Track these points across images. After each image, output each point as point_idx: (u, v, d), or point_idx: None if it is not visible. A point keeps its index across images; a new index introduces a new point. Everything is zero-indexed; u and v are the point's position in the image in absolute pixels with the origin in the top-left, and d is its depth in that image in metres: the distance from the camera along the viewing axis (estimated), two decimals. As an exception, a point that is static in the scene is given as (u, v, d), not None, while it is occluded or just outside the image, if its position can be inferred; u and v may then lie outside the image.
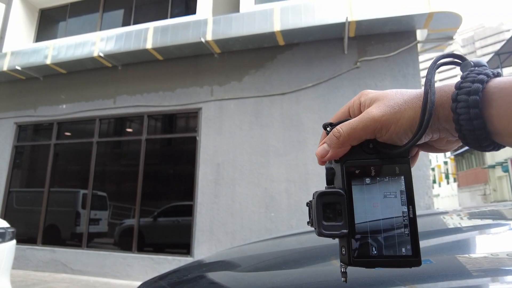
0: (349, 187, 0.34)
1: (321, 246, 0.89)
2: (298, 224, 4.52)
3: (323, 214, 0.34)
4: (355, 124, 0.35)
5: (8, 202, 6.29)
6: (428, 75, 0.33)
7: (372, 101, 0.35)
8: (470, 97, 0.30)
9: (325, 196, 0.34)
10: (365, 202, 0.34)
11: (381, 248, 0.33)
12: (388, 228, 0.33)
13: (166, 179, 5.85)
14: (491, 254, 0.61)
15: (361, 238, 0.33)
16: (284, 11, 4.80)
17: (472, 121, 0.30)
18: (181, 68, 5.64)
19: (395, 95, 0.34)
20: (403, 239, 0.32)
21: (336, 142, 0.35)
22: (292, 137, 4.83)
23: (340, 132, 0.35)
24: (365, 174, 0.34)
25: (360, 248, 0.33)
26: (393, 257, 0.32)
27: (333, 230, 0.33)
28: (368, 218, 0.33)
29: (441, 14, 4.35)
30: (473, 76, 0.31)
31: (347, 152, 0.35)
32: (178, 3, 6.45)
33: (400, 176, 0.34)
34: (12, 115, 6.56)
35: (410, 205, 0.33)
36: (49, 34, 7.34)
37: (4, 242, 2.88)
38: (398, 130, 0.33)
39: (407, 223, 0.33)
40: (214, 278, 0.80)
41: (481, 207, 1.34)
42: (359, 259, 0.33)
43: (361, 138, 0.35)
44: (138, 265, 5.04)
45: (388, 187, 0.34)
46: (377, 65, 4.73)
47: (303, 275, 0.66)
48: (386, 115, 0.33)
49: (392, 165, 0.34)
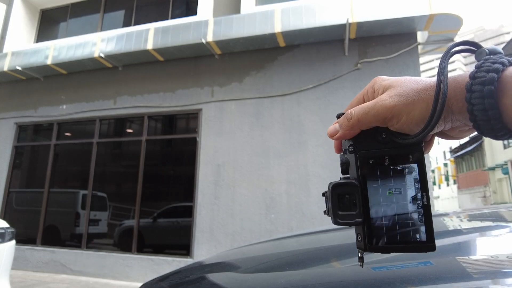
0: (363, 176, 0.35)
1: (324, 248, 0.89)
2: (299, 225, 4.52)
3: (338, 204, 0.35)
4: (368, 109, 0.35)
5: (8, 202, 6.29)
6: (441, 64, 0.32)
7: (385, 88, 0.35)
8: (485, 87, 0.29)
9: (339, 187, 0.35)
10: (380, 190, 0.34)
11: (396, 234, 0.33)
12: (403, 215, 0.33)
13: (166, 180, 5.85)
14: (491, 256, 0.61)
15: (376, 225, 0.34)
16: (285, 13, 4.80)
17: (487, 111, 0.29)
18: (181, 69, 5.65)
19: (409, 84, 0.34)
20: (418, 225, 0.33)
21: (347, 124, 0.36)
22: (292, 138, 4.83)
23: (352, 114, 0.36)
24: (379, 163, 0.35)
25: (375, 235, 0.34)
26: (408, 243, 0.33)
27: (348, 219, 0.34)
28: (382, 206, 0.34)
29: (442, 16, 4.36)
30: (488, 65, 0.30)
31: (361, 142, 0.36)
32: (179, 4, 6.46)
33: (413, 164, 0.34)
34: (13, 115, 6.56)
35: (424, 192, 0.34)
36: (50, 34, 7.35)
37: (3, 242, 2.88)
38: (409, 121, 0.33)
39: (421, 210, 0.33)
40: (216, 280, 0.80)
41: (481, 209, 1.34)
42: (375, 246, 0.34)
43: (371, 124, 0.35)
44: (137, 266, 5.03)
45: (402, 175, 0.34)
46: (377, 66, 4.73)
47: (307, 277, 0.66)
48: (398, 105, 0.33)
49: (406, 153, 0.35)
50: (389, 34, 4.77)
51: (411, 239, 0.33)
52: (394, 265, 0.61)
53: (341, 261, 0.74)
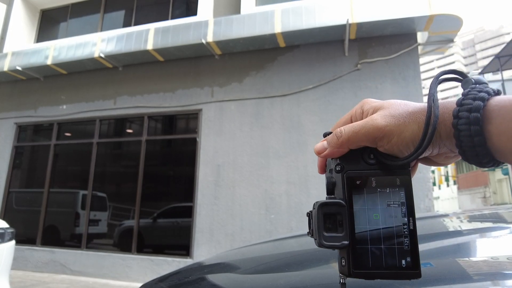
0: (349, 197, 0.34)
1: (323, 249, 0.88)
2: (298, 226, 4.52)
3: (324, 225, 0.34)
4: (358, 128, 0.34)
5: (8, 203, 6.28)
6: (431, 89, 0.33)
7: (375, 109, 0.35)
8: (471, 114, 0.30)
9: (326, 206, 0.34)
10: (366, 213, 0.33)
11: (381, 260, 0.32)
12: (388, 239, 0.33)
13: (166, 180, 5.85)
14: (491, 257, 0.61)
15: (361, 249, 0.33)
16: (285, 13, 4.81)
17: (472, 137, 0.30)
18: (181, 69, 5.65)
19: (400, 106, 0.34)
20: (403, 251, 0.32)
21: (336, 142, 0.36)
22: (292, 138, 4.83)
23: (342, 133, 0.35)
24: (366, 184, 0.34)
25: (360, 260, 0.33)
26: (393, 269, 0.32)
27: (334, 242, 0.33)
28: (368, 229, 0.33)
29: (442, 16, 4.36)
30: (474, 93, 0.31)
31: (348, 162, 0.35)
32: (179, 4, 6.47)
33: (401, 188, 0.34)
34: (13, 115, 6.56)
35: (410, 217, 0.33)
36: (50, 34, 7.35)
37: (3, 242, 2.88)
38: (400, 142, 0.33)
39: (407, 235, 0.33)
40: (215, 281, 0.80)
41: (481, 210, 1.34)
42: (359, 271, 0.33)
43: (361, 143, 0.35)
44: (137, 266, 5.03)
45: (389, 198, 0.34)
46: (377, 67, 4.73)
47: (306, 278, 0.66)
48: (389, 126, 0.33)
49: (393, 176, 0.34)
50: (389, 34, 4.77)
51: (396, 265, 0.32)
52: None
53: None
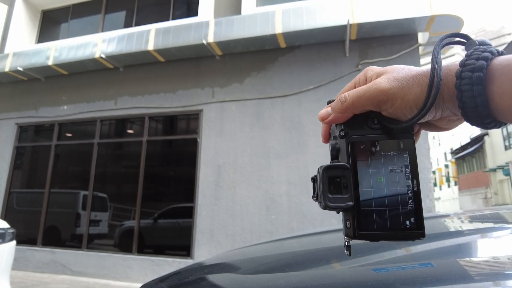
0: (354, 161, 0.34)
1: (324, 249, 0.88)
2: (299, 226, 4.51)
3: (329, 187, 0.34)
4: (362, 92, 0.34)
5: (9, 203, 6.29)
6: (435, 51, 0.33)
7: (379, 74, 0.35)
8: (474, 74, 0.30)
9: (330, 169, 0.34)
10: (370, 176, 0.34)
11: (386, 221, 0.33)
12: (393, 201, 0.33)
13: (166, 180, 5.85)
14: (492, 257, 0.61)
15: (366, 211, 0.33)
16: (285, 14, 4.81)
17: (475, 98, 0.29)
18: (182, 70, 5.65)
19: (403, 70, 0.34)
20: (407, 212, 0.33)
21: (340, 107, 0.36)
22: (293, 139, 4.83)
23: (346, 97, 0.35)
24: (370, 149, 0.35)
25: (365, 221, 0.33)
26: (398, 230, 0.32)
27: (339, 203, 0.33)
28: (372, 192, 0.33)
29: (443, 17, 4.36)
30: (478, 53, 0.31)
31: (352, 127, 0.36)
32: (180, 5, 6.48)
33: (404, 151, 0.34)
34: (13, 115, 6.57)
35: (414, 179, 0.33)
36: (51, 35, 7.37)
37: (4, 243, 2.88)
38: (403, 105, 0.33)
39: (411, 197, 0.33)
40: (216, 281, 0.80)
41: (482, 211, 1.34)
42: (364, 232, 0.33)
43: (365, 107, 0.35)
44: (138, 267, 5.03)
45: (393, 161, 0.34)
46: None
47: (307, 278, 0.66)
48: (393, 89, 0.33)
49: (397, 140, 0.34)
50: (390, 35, 4.77)
51: (401, 226, 0.32)
52: (395, 267, 0.61)
53: (342, 262, 0.74)
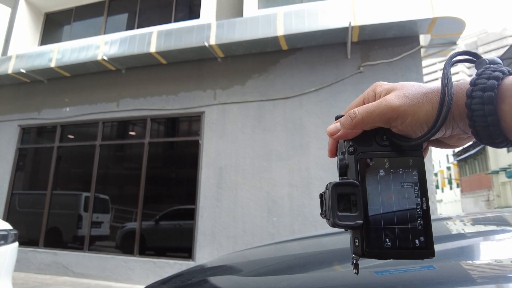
0: (363, 178, 0.34)
1: (326, 251, 0.88)
2: (301, 229, 4.50)
3: (338, 205, 0.34)
4: (372, 109, 0.34)
5: (11, 204, 6.31)
6: (445, 69, 0.33)
7: (388, 91, 0.35)
8: (485, 94, 0.29)
9: (340, 186, 0.34)
10: (379, 193, 0.34)
11: (395, 240, 0.32)
12: (402, 220, 0.33)
13: (168, 182, 5.85)
14: (495, 260, 0.60)
15: (375, 229, 0.33)
16: (287, 16, 4.82)
17: (486, 117, 0.29)
18: (184, 72, 5.67)
19: (413, 87, 0.34)
20: (417, 230, 0.32)
21: (349, 123, 0.36)
22: (294, 141, 4.83)
23: (356, 114, 0.35)
24: (379, 166, 0.34)
25: (374, 240, 0.33)
26: (407, 249, 0.32)
27: (348, 221, 0.33)
28: (381, 210, 0.33)
29: (445, 19, 4.35)
30: (489, 73, 0.31)
31: (361, 144, 0.35)
32: (182, 7, 6.51)
33: (413, 168, 0.34)
34: (16, 117, 6.61)
35: (423, 197, 0.33)
36: (54, 37, 7.41)
37: (6, 244, 2.89)
38: (414, 123, 0.33)
39: (420, 215, 0.33)
40: (217, 283, 0.80)
41: (484, 213, 1.34)
42: (373, 251, 0.33)
43: (375, 124, 0.35)
44: (139, 269, 5.03)
45: (402, 179, 0.34)
46: (380, 70, 4.73)
47: (309, 280, 0.65)
48: (404, 106, 0.33)
49: (406, 157, 0.34)
50: (391, 37, 4.77)
51: (410, 245, 0.32)
52: (397, 269, 0.61)
53: (344, 264, 0.74)
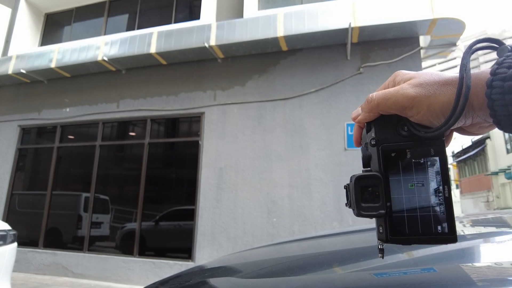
0: (385, 169, 0.35)
1: (326, 253, 0.88)
2: (300, 229, 4.50)
3: (361, 196, 0.35)
4: (389, 95, 0.35)
5: (11, 205, 6.31)
6: (464, 59, 0.33)
7: (406, 80, 0.36)
8: (506, 83, 0.29)
9: (362, 179, 0.35)
10: (402, 183, 0.35)
11: (417, 226, 0.34)
12: (424, 207, 0.34)
13: (168, 183, 5.85)
14: (495, 263, 0.60)
15: (397, 217, 0.34)
16: (287, 17, 4.83)
17: (507, 106, 0.29)
18: (184, 73, 5.68)
19: (431, 76, 0.35)
20: (439, 217, 0.34)
21: (367, 106, 0.37)
22: (294, 142, 4.83)
23: (373, 98, 0.36)
24: (400, 156, 0.36)
25: (397, 227, 0.34)
26: (429, 235, 0.34)
27: (371, 211, 0.35)
28: (404, 199, 0.34)
29: (445, 20, 4.36)
30: (510, 61, 0.31)
31: (383, 135, 0.37)
32: (182, 8, 6.52)
33: (435, 157, 0.35)
34: (16, 118, 6.61)
35: (445, 185, 0.34)
36: (54, 38, 7.42)
37: (5, 244, 2.89)
38: (430, 114, 0.33)
39: (442, 202, 0.34)
40: (216, 284, 0.80)
41: (484, 215, 1.34)
42: (396, 237, 0.34)
43: (390, 110, 0.35)
44: (139, 269, 5.03)
45: (424, 168, 0.35)
46: (380, 71, 4.73)
47: (308, 282, 0.65)
48: (419, 97, 0.33)
49: (427, 147, 0.35)
50: (391, 38, 4.78)
51: (432, 231, 0.33)
52: (397, 271, 0.61)
53: (343, 266, 0.74)
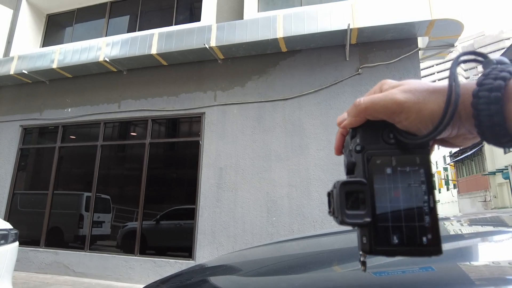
0: (370, 176, 0.34)
1: (325, 251, 0.89)
2: (300, 228, 4.52)
3: (346, 203, 0.34)
4: (377, 100, 0.35)
5: (13, 204, 6.32)
6: (452, 69, 0.32)
7: (394, 87, 0.36)
8: (492, 94, 0.30)
9: (348, 185, 0.34)
10: (386, 191, 0.34)
11: (402, 237, 0.33)
12: (409, 217, 0.33)
13: (169, 182, 5.86)
14: (493, 262, 0.61)
15: (382, 227, 0.33)
16: (287, 18, 4.84)
17: (492, 117, 0.29)
18: (185, 74, 5.69)
19: (420, 84, 0.34)
20: (424, 228, 0.33)
21: (354, 111, 0.36)
22: (294, 142, 4.84)
23: (360, 102, 0.35)
24: (386, 164, 0.35)
25: (382, 237, 0.33)
26: (414, 246, 0.32)
27: (356, 219, 0.33)
28: (389, 208, 0.33)
29: (443, 21, 4.37)
30: (496, 73, 0.31)
31: (368, 142, 0.36)
32: (183, 10, 6.53)
33: (420, 166, 0.34)
34: (18, 118, 6.62)
35: (430, 195, 0.33)
36: (56, 39, 7.43)
37: (6, 244, 2.90)
38: (418, 121, 0.33)
39: (427, 212, 0.33)
40: (217, 283, 0.81)
41: (482, 214, 1.34)
42: (381, 248, 0.33)
43: (378, 115, 0.35)
44: (140, 268, 5.04)
45: (409, 177, 0.34)
46: (378, 72, 4.75)
47: (308, 281, 0.66)
48: (408, 102, 0.33)
49: (413, 155, 0.34)
50: (390, 39, 4.79)
51: (417, 242, 0.32)
52: (396, 270, 0.60)
53: (343, 265, 0.74)
